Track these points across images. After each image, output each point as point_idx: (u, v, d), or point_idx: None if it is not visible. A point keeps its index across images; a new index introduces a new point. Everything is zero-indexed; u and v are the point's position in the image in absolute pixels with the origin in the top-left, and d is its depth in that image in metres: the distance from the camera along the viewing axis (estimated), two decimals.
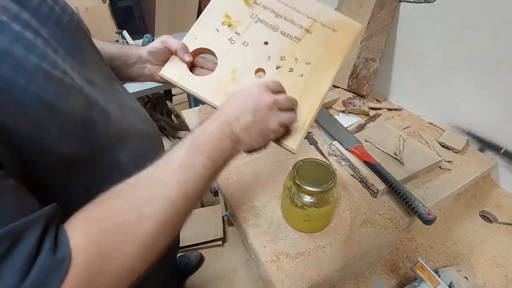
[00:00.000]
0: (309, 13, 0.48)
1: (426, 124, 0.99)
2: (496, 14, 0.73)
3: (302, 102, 0.44)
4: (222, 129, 0.36)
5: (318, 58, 0.46)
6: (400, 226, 0.65)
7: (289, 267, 0.56)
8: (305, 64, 0.46)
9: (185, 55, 0.47)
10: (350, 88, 1.14)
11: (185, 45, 0.48)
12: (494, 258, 0.67)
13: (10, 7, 0.29)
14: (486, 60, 0.79)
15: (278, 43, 0.47)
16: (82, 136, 0.33)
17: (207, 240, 1.36)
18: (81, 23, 0.40)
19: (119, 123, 0.40)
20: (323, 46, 0.47)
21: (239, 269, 1.31)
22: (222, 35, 0.48)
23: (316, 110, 0.44)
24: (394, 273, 0.68)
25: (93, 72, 0.39)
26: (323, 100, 0.45)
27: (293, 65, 0.46)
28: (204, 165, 0.33)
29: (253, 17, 0.49)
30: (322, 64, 0.46)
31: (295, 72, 0.46)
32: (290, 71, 0.46)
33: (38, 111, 0.28)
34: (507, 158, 0.82)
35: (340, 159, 0.81)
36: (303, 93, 0.45)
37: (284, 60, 0.46)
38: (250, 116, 0.37)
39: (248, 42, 0.48)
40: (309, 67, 0.46)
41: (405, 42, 1.00)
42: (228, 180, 0.75)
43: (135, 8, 3.39)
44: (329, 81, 0.45)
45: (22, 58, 0.27)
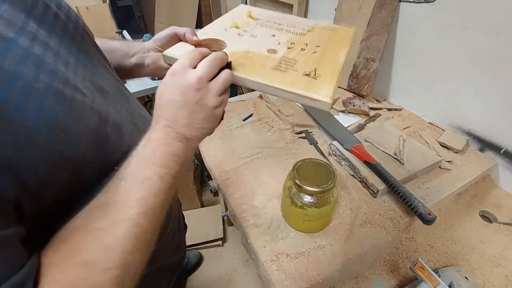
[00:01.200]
0: (308, 23, 0.53)
1: (426, 124, 0.99)
2: (496, 14, 0.73)
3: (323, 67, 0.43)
4: (166, 134, 0.33)
5: (326, 42, 0.48)
6: (400, 226, 0.65)
7: (289, 267, 0.56)
8: (315, 46, 0.47)
9: (193, 36, 0.45)
10: (350, 88, 1.14)
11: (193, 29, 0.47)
12: (494, 258, 0.67)
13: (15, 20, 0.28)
14: (486, 60, 0.79)
15: (285, 34, 0.50)
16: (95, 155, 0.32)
17: (207, 240, 1.36)
18: (86, 28, 0.39)
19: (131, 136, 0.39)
20: (327, 36, 0.50)
21: (239, 269, 1.31)
22: (230, 32, 0.49)
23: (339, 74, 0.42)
24: (394, 273, 0.68)
25: (103, 79, 0.38)
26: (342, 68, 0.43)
27: (303, 47, 0.47)
28: (160, 175, 0.31)
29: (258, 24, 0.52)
30: (332, 45, 0.48)
31: (308, 50, 0.46)
32: (302, 50, 0.46)
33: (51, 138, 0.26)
34: (507, 158, 0.82)
35: (340, 159, 0.81)
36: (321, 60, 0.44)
37: (294, 44, 0.47)
38: (185, 109, 0.33)
39: (256, 35, 0.49)
40: (320, 48, 0.47)
41: (405, 42, 1.00)
42: (228, 180, 0.75)
43: (135, 8, 3.39)
44: (344, 55, 0.46)
45: (32, 79, 0.25)
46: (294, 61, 0.44)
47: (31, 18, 0.29)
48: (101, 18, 2.41)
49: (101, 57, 0.42)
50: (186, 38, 0.46)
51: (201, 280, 1.28)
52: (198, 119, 0.34)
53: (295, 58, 0.44)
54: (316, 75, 0.41)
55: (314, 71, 0.42)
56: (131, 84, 1.40)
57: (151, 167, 0.31)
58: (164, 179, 0.31)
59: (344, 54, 0.46)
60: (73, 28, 0.35)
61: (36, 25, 0.29)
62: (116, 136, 0.35)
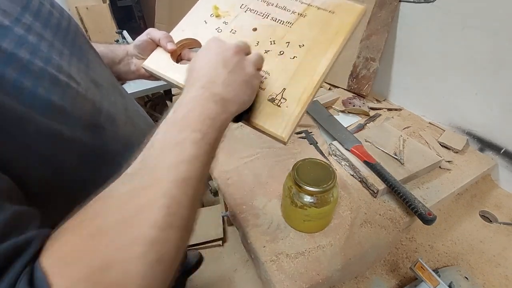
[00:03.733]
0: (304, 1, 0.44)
1: (426, 124, 0.99)
2: (496, 14, 0.73)
3: (293, 86, 0.39)
4: (201, 94, 0.30)
5: (313, 39, 0.42)
6: (400, 226, 0.65)
7: (289, 267, 0.56)
8: (298, 46, 0.42)
9: (168, 44, 0.45)
10: (350, 88, 1.14)
11: (168, 34, 0.47)
12: (494, 258, 0.67)
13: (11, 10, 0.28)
14: (486, 60, 0.79)
15: (268, 29, 0.44)
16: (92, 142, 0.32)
17: (207, 240, 1.36)
18: (78, 28, 0.40)
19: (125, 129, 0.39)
20: (319, 27, 0.42)
21: (239, 269, 1.31)
22: (210, 25, 0.47)
23: (310, 94, 0.39)
24: (394, 273, 0.68)
25: (98, 73, 0.39)
26: (320, 81, 0.40)
27: (283, 48, 0.42)
28: (193, 141, 0.27)
29: (243, 7, 0.47)
30: (319, 45, 0.41)
31: (286, 55, 0.41)
32: (280, 54, 0.42)
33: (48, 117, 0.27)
34: (507, 158, 0.82)
35: (340, 159, 0.81)
36: (294, 75, 0.40)
37: (274, 44, 0.42)
38: (224, 69, 0.32)
39: (235, 30, 0.45)
40: (302, 49, 0.41)
41: (405, 42, 1.00)
42: (228, 180, 0.75)
43: (135, 8, 3.40)
44: (327, 62, 0.40)
45: (28, 61, 0.26)
46: (265, 75, 0.40)
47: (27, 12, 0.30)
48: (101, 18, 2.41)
49: (95, 54, 0.42)
50: (162, 46, 0.46)
51: (201, 280, 1.28)
52: (236, 81, 0.32)
53: (267, 70, 0.41)
54: (282, 101, 0.38)
55: (281, 92, 0.39)
56: (130, 84, 1.40)
57: (182, 132, 0.27)
58: (197, 145, 0.27)
59: (329, 59, 0.40)
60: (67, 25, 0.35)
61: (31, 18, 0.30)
62: (110, 127, 0.36)
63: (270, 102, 0.39)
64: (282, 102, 0.39)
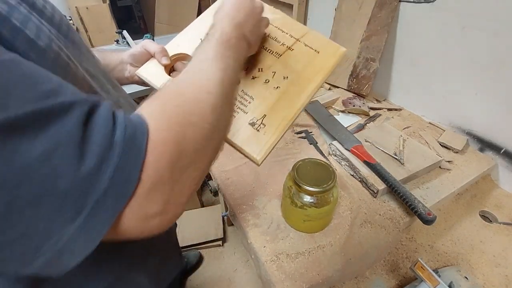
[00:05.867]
0: (293, 34, 0.47)
1: (426, 124, 0.99)
2: (496, 14, 0.73)
3: (273, 114, 0.43)
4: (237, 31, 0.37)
5: (297, 74, 0.45)
6: (400, 226, 0.65)
7: (289, 267, 0.56)
8: (282, 78, 0.45)
9: (162, 58, 0.49)
10: (350, 88, 1.14)
11: (164, 48, 0.49)
12: (494, 258, 0.67)
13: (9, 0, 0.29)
14: (486, 60, 0.79)
15: (258, 56, 0.47)
16: None
17: (207, 240, 1.36)
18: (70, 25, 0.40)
19: None
20: (303, 63, 0.46)
21: (239, 269, 1.31)
22: None
23: (287, 124, 0.43)
24: (394, 273, 0.68)
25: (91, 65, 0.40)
26: (297, 114, 0.44)
27: (269, 77, 0.45)
28: (234, 58, 0.35)
29: None
30: (300, 80, 0.45)
31: (271, 84, 0.45)
32: (266, 82, 0.45)
33: None
34: (507, 158, 0.82)
35: (340, 159, 0.81)
36: (275, 104, 0.44)
37: (262, 71, 0.46)
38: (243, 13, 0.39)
39: None
40: (286, 81, 0.45)
41: (405, 42, 1.00)
42: (228, 180, 0.75)
43: (135, 8, 3.40)
44: (306, 97, 0.44)
45: (35, 36, 0.27)
46: (250, 99, 0.44)
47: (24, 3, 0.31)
48: (101, 18, 2.41)
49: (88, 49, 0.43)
50: (156, 59, 0.49)
51: (201, 280, 1.28)
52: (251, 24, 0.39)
53: (252, 95, 0.44)
54: (261, 126, 0.42)
55: (262, 118, 0.43)
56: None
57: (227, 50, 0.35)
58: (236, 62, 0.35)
59: (308, 95, 0.44)
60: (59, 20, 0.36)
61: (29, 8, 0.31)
62: None
63: (250, 126, 0.42)
64: (261, 127, 0.42)
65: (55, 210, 0.20)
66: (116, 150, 0.22)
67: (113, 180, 0.21)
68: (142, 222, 0.24)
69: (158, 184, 0.23)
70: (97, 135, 0.22)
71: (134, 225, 0.24)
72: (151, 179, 0.23)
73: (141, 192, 0.23)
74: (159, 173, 0.23)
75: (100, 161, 0.21)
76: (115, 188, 0.22)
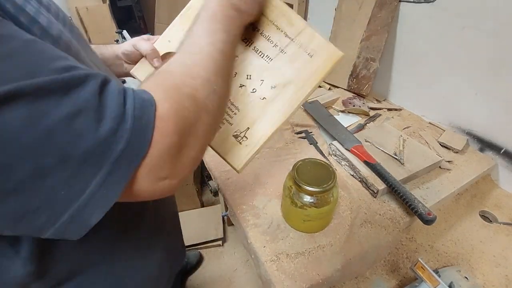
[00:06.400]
0: (288, 32, 0.43)
1: (426, 124, 0.99)
2: (496, 14, 0.73)
3: (256, 127, 0.43)
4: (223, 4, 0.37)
5: (286, 82, 0.43)
6: (400, 226, 0.65)
7: (289, 267, 0.56)
8: (270, 87, 0.44)
9: (154, 60, 0.49)
10: (350, 88, 1.14)
11: (155, 49, 0.49)
12: (494, 258, 0.67)
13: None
14: (486, 60, 0.79)
15: (248, 60, 0.45)
16: None
17: (207, 240, 1.36)
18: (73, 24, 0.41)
19: None
20: (294, 70, 0.43)
21: (239, 269, 1.31)
22: None
23: (271, 135, 0.44)
24: (394, 273, 0.68)
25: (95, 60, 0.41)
26: (280, 126, 0.43)
27: (257, 86, 0.44)
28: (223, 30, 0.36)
29: None
30: (289, 90, 0.43)
31: (257, 94, 0.44)
32: (253, 91, 0.44)
33: None
34: (507, 158, 0.82)
35: (340, 159, 0.81)
36: (259, 118, 0.44)
37: (250, 79, 0.44)
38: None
39: None
40: (273, 90, 0.43)
41: (405, 42, 1.00)
42: (228, 180, 0.75)
43: (135, 8, 3.40)
44: (291, 109, 0.43)
45: (47, 27, 0.29)
46: (236, 110, 0.44)
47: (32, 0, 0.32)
48: (101, 18, 2.41)
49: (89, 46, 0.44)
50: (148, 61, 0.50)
51: (201, 280, 1.28)
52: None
53: (238, 106, 0.44)
54: (243, 139, 0.44)
55: (245, 131, 0.44)
56: (130, 84, 1.40)
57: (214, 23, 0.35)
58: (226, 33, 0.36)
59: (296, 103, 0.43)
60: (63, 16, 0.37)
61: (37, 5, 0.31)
62: None
63: (234, 138, 0.44)
64: (244, 140, 0.44)
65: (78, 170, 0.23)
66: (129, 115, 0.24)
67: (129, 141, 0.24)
68: (154, 183, 0.27)
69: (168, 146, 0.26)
70: (111, 103, 0.24)
71: (147, 185, 0.26)
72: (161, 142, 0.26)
73: (153, 152, 0.25)
74: (167, 136, 0.26)
75: (117, 124, 0.24)
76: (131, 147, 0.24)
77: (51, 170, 0.22)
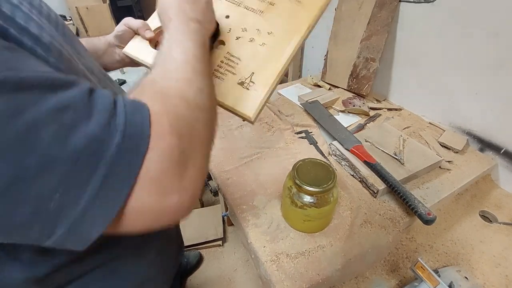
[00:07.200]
0: None
1: (426, 124, 0.99)
2: (496, 14, 0.73)
3: (261, 70, 0.43)
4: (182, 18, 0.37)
5: (281, 28, 0.45)
6: (400, 226, 0.65)
7: (289, 267, 0.56)
8: (267, 34, 0.45)
9: (146, 32, 0.50)
10: (350, 88, 1.14)
11: (145, 23, 0.50)
12: (494, 258, 0.67)
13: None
14: (486, 60, 0.79)
15: (240, 16, 0.47)
16: None
17: (207, 240, 1.36)
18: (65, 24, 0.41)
19: None
20: (286, 17, 0.45)
21: (239, 269, 1.31)
22: None
23: (275, 78, 0.43)
24: (394, 273, 0.68)
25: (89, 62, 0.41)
26: (284, 67, 0.44)
27: (254, 36, 0.45)
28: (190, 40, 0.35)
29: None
30: (285, 34, 0.45)
31: (256, 42, 0.45)
32: (251, 40, 0.45)
33: None
34: (507, 158, 0.82)
35: (340, 159, 0.81)
36: (263, 61, 0.44)
37: (246, 31, 0.46)
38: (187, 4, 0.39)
39: None
40: (271, 36, 0.45)
41: (405, 42, 1.00)
42: (228, 180, 0.75)
43: (135, 8, 3.39)
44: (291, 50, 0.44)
45: (39, 34, 0.28)
46: (236, 61, 0.44)
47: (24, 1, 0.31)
48: (101, 18, 2.41)
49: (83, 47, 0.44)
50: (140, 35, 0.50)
51: (201, 280, 1.28)
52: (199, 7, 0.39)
53: (239, 56, 0.44)
54: (250, 84, 0.43)
55: (250, 76, 0.43)
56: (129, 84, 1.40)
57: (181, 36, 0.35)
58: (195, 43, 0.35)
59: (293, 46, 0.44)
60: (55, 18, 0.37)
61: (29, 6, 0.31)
62: None
63: (239, 86, 0.43)
64: (251, 85, 0.43)
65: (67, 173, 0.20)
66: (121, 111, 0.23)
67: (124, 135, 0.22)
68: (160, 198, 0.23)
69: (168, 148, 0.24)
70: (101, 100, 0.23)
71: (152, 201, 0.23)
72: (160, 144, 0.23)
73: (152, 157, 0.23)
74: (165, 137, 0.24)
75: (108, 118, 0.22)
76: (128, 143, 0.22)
77: (35, 174, 0.19)
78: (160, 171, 0.23)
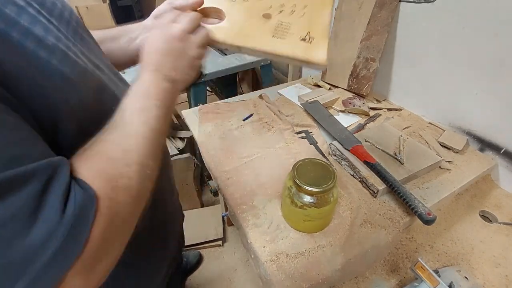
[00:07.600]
0: None
1: (426, 124, 0.99)
2: (496, 14, 0.73)
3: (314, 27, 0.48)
4: (156, 76, 0.37)
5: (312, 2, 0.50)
6: (400, 226, 0.65)
7: (289, 267, 0.56)
8: (303, 7, 0.49)
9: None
10: (350, 88, 1.14)
11: None
12: (494, 258, 0.67)
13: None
14: (486, 60, 0.79)
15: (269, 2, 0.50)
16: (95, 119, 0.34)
17: (207, 240, 1.36)
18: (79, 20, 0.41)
19: None
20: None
21: (239, 269, 1.31)
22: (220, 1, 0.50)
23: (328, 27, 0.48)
24: (394, 273, 0.68)
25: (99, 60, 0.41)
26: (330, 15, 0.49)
27: (293, 8, 0.49)
28: (156, 105, 0.36)
29: None
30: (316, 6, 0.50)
31: (297, 13, 0.49)
32: (292, 12, 0.49)
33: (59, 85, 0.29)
34: (507, 158, 0.82)
35: (340, 159, 0.81)
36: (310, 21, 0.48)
37: (284, 6, 0.49)
38: (170, 56, 0.39)
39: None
40: (306, 8, 0.50)
41: (405, 42, 1.00)
42: (228, 180, 0.75)
43: (135, 8, 3.39)
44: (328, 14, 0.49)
45: (43, 37, 0.28)
46: (288, 25, 0.48)
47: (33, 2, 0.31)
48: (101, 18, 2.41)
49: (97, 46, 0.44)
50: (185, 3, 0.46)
51: (201, 280, 1.29)
52: (181, 65, 0.40)
53: (289, 22, 0.48)
54: (310, 39, 0.47)
55: (308, 34, 0.48)
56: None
57: (147, 100, 0.36)
58: (159, 108, 0.36)
59: (328, 13, 0.49)
60: (68, 16, 0.37)
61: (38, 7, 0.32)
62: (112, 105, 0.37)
63: (303, 41, 0.47)
64: (312, 40, 0.47)
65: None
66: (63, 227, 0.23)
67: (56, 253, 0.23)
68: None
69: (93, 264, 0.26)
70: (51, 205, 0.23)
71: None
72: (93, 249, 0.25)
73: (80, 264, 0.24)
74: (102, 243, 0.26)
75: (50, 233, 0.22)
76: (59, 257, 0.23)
77: None
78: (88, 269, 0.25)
